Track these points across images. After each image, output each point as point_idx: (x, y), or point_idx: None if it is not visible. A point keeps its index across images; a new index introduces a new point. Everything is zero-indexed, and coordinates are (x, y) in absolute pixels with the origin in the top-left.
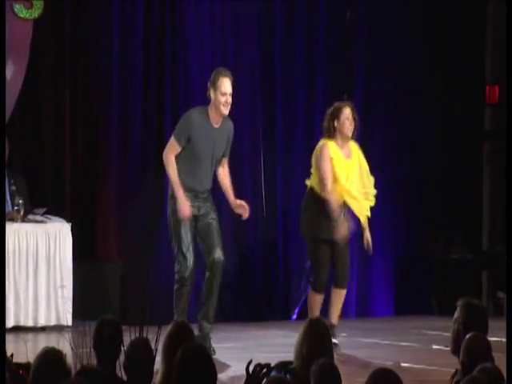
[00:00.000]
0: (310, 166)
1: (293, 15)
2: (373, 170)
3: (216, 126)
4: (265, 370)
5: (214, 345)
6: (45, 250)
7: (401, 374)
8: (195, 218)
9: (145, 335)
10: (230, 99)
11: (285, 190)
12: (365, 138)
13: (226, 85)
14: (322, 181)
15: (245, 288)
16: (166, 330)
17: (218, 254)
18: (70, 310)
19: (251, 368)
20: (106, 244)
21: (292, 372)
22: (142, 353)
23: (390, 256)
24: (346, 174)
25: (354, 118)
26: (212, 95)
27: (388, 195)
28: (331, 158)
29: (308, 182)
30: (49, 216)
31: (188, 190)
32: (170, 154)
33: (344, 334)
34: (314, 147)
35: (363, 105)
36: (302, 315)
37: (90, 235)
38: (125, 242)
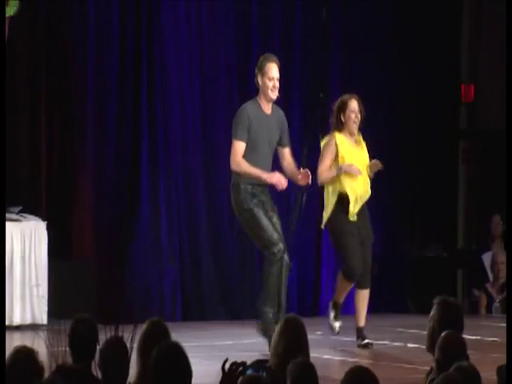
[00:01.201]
0: None
1: (269, 15)
2: None
3: (268, 112)
4: (241, 368)
5: (188, 343)
6: (20, 248)
7: (377, 372)
8: (265, 211)
9: (120, 334)
10: (277, 84)
11: None
12: None
13: (273, 70)
14: (318, 172)
15: (222, 287)
16: (142, 328)
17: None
18: (46, 309)
19: (227, 366)
20: (81, 243)
21: (268, 370)
22: (116, 351)
23: None
24: (356, 161)
25: (361, 111)
26: (260, 81)
27: None
28: (338, 148)
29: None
30: (24, 214)
31: (253, 182)
32: (239, 156)
33: (319, 332)
34: (290, 147)
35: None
36: None
37: (66, 234)
38: (100, 241)
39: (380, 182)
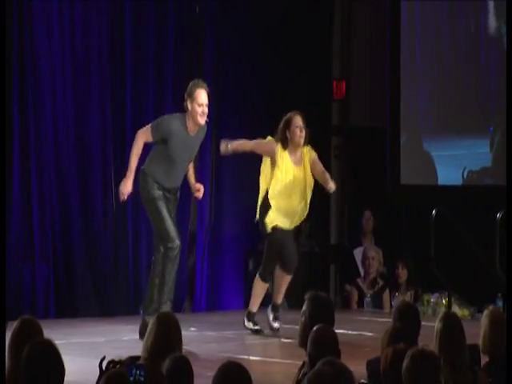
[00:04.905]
0: None
1: (143, 10)
2: (221, 167)
3: (192, 133)
4: (118, 366)
5: (61, 341)
6: None
7: (249, 367)
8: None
9: None
10: (206, 110)
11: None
12: (215, 134)
13: (202, 96)
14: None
15: (95, 284)
16: (13, 326)
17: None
18: None
19: (104, 365)
20: None
21: (143, 367)
22: None
23: (239, 249)
24: (291, 181)
25: (305, 126)
26: (189, 106)
27: (237, 189)
28: (276, 162)
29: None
30: None
31: (160, 186)
32: (141, 138)
33: (193, 328)
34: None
35: (214, 102)
36: None
37: None
38: None
39: (250, 180)
